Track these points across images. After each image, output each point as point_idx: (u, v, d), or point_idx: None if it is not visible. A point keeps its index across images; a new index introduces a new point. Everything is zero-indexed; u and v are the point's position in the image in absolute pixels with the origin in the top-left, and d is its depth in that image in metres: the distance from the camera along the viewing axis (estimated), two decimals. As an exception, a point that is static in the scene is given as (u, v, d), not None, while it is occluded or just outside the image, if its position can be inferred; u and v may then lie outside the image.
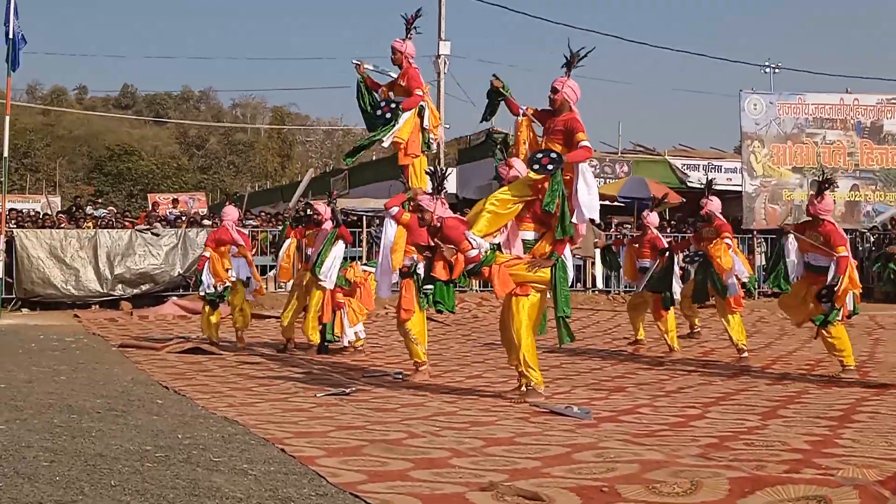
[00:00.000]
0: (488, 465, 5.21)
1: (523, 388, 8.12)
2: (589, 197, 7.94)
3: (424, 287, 9.12)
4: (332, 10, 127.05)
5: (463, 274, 8.15)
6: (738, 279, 11.30)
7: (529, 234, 8.11)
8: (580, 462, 5.28)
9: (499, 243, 8.04)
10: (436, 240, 8.05)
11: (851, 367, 9.71)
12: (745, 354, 11.27)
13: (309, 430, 6.30)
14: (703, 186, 12.42)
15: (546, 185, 7.86)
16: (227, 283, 12.64)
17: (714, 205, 11.61)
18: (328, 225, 11.89)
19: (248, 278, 12.81)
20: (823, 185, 9.78)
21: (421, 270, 9.31)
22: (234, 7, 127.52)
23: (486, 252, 7.84)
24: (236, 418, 6.61)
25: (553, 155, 7.85)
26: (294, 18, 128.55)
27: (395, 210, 9.34)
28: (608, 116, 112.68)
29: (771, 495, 4.37)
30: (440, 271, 8.00)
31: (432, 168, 8.95)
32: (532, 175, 7.93)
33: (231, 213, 13.26)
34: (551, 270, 7.81)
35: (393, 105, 9.87)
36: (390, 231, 9.23)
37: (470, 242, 7.80)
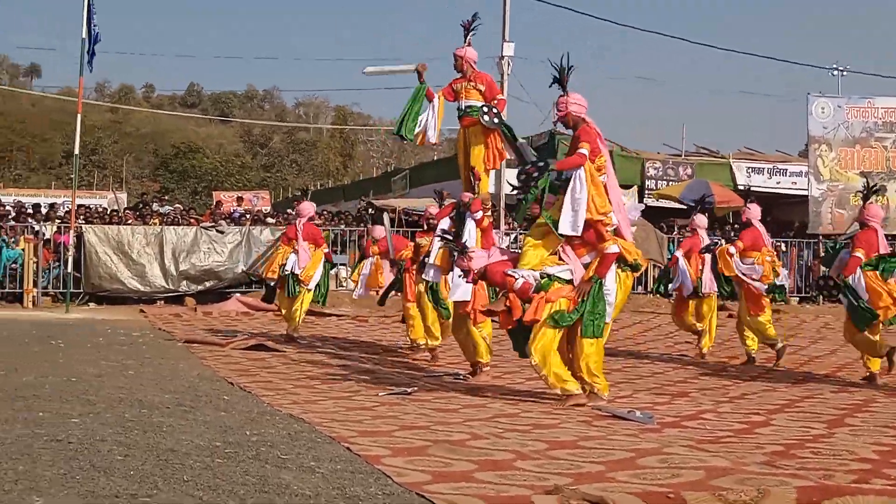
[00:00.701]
0: (552, 468, 5.22)
1: (585, 391, 8.11)
2: (571, 213, 7.79)
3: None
4: (393, 10, 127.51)
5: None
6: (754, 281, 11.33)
7: (587, 258, 8.01)
8: (645, 467, 5.27)
9: (570, 278, 7.94)
10: (484, 309, 8.32)
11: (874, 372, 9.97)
12: (780, 345, 11.50)
13: (374, 429, 6.36)
14: (755, 190, 12.52)
15: None
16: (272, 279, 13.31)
17: (752, 212, 11.58)
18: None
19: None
20: (869, 192, 10.16)
21: None
22: (302, 7, 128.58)
23: (536, 279, 7.80)
24: (301, 416, 6.69)
25: (540, 164, 7.90)
26: (359, 19, 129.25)
27: (479, 214, 9.47)
28: (673, 118, 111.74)
29: (839, 505, 4.34)
30: (505, 322, 7.99)
31: (441, 233, 9.19)
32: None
33: (303, 209, 13.34)
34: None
35: (495, 111, 10.08)
36: (473, 234, 9.36)
37: (512, 276, 7.78)
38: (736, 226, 23.80)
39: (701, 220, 12.56)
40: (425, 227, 12.03)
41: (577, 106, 8.15)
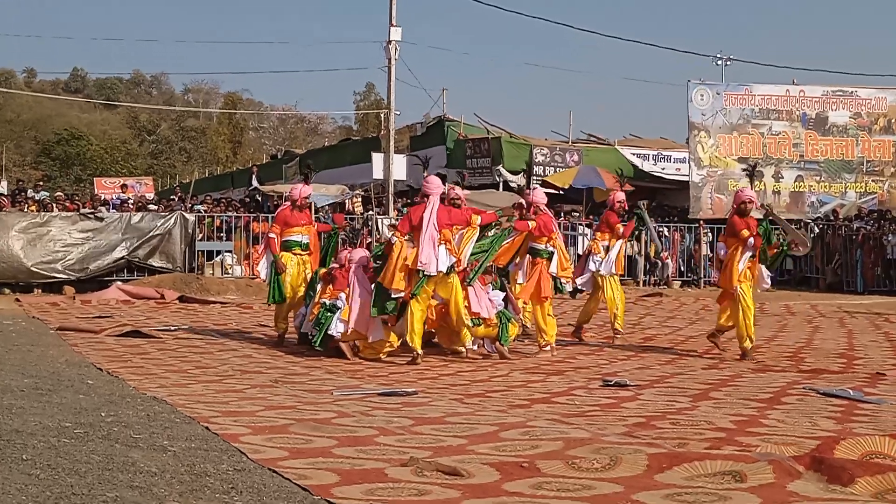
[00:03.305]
0: (414, 442, 5.22)
1: None
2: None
3: None
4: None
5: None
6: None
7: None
8: (506, 440, 5.30)
9: None
10: None
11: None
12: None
13: (239, 409, 6.26)
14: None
15: None
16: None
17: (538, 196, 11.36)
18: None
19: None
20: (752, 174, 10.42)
21: None
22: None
23: None
24: (165, 398, 6.54)
25: None
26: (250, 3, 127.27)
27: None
28: (560, 106, 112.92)
29: (688, 470, 4.42)
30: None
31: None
32: None
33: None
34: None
35: None
36: None
37: None
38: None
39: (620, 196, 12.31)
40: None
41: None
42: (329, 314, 9.69)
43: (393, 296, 9.45)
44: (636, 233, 12.76)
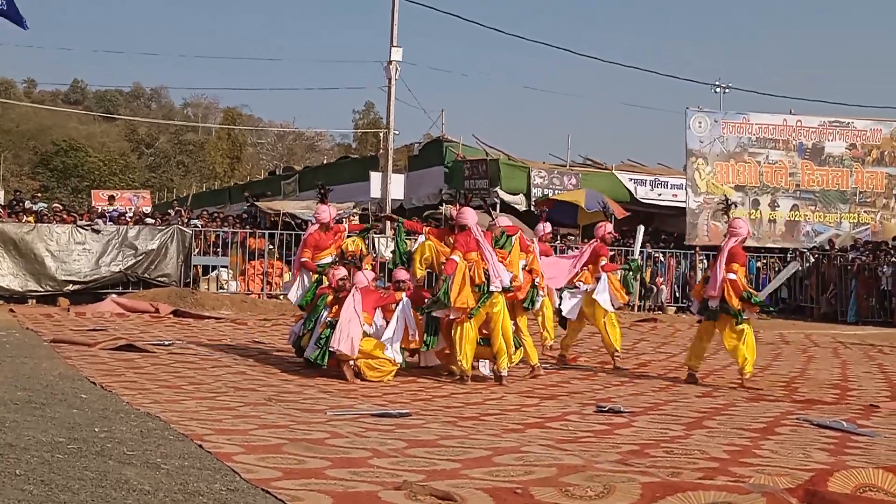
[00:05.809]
0: (407, 465, 5.20)
1: None
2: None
3: None
4: (286, 10, 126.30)
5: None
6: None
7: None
8: (499, 465, 5.29)
9: None
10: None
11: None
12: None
13: (232, 427, 6.25)
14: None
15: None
16: None
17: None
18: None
19: None
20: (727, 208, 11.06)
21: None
22: (193, 6, 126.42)
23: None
24: (159, 414, 6.53)
25: None
26: (250, 19, 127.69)
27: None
28: (558, 129, 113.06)
29: (682, 500, 4.41)
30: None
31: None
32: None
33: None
34: None
35: None
36: None
37: None
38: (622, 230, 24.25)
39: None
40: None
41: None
42: (330, 330, 9.70)
43: (452, 316, 9.72)
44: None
